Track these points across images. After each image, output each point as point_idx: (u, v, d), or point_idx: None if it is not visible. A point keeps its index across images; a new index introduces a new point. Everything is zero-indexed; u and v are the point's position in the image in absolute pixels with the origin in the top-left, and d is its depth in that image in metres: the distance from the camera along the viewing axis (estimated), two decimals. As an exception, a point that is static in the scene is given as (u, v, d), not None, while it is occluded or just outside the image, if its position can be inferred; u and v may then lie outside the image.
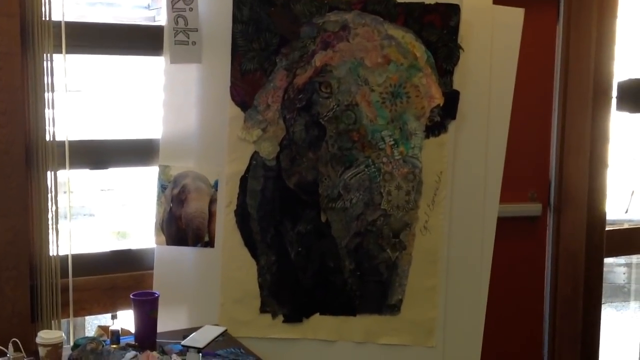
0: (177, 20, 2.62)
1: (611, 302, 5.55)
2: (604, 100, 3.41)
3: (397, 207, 2.79)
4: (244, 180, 2.72)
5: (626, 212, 5.81)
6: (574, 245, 3.46)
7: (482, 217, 2.87)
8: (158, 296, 2.43)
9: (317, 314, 2.80)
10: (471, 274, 2.88)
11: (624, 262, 5.52)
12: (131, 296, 2.41)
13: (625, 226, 4.16)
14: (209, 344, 2.10)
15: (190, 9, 2.62)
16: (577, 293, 3.48)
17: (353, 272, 2.80)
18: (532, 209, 3.46)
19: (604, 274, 3.56)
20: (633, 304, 5.68)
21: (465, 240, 2.85)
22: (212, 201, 2.71)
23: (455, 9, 2.73)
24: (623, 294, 5.66)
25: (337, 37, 2.70)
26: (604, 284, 3.58)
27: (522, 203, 3.44)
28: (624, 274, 5.64)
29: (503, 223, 2.97)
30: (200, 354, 2.08)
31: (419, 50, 2.74)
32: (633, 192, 5.88)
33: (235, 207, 2.72)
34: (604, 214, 3.49)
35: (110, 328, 2.39)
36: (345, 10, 2.69)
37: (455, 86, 2.77)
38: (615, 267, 5.51)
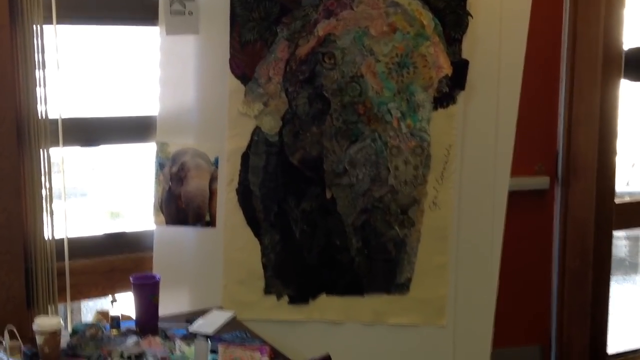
0: (172, -11, 2.50)
1: (612, 275, 5.48)
2: (613, 67, 3.32)
3: (405, 183, 2.69)
4: (245, 157, 2.62)
5: (627, 184, 5.75)
6: (583, 217, 3.39)
7: (492, 191, 2.77)
8: (159, 279, 2.34)
9: (324, 295, 2.72)
10: (482, 250, 2.78)
11: (625, 234, 5.45)
12: (131, 280, 2.32)
13: (627, 199, 4.10)
14: (218, 329, 2.01)
15: (186, -23, 2.51)
16: (586, 266, 3.41)
17: (360, 250, 2.71)
18: (540, 182, 3.38)
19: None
20: (638, 278, 5.62)
21: (476, 215, 2.76)
22: (213, 179, 2.62)
23: (463, -26, 2.62)
24: (624, 267, 5.60)
25: (341, 5, 2.59)
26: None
27: (529, 176, 3.35)
28: (625, 247, 5.57)
29: (510, 197, 2.86)
30: (209, 341, 1.98)
31: (426, 18, 2.62)
32: (634, 164, 5.82)
33: (236, 185, 2.62)
34: (614, 186, 3.42)
35: (109, 313, 2.30)
36: (349, -24, 2.57)
37: (464, 55, 2.66)
38: (616, 239, 5.45)
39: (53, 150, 2.51)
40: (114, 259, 2.67)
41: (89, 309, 3.22)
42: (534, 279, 3.44)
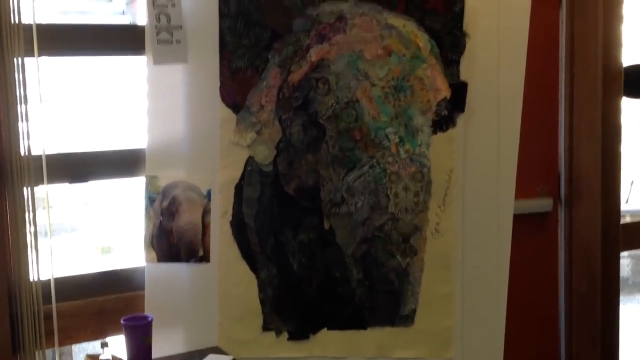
0: (159, 18, 2.42)
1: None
2: (613, 85, 3.23)
3: (406, 210, 2.59)
4: (239, 188, 2.52)
5: (626, 202, 5.70)
6: (589, 239, 3.28)
7: (496, 215, 2.68)
8: (151, 320, 2.24)
9: (325, 329, 2.61)
10: (488, 278, 2.69)
11: (628, 253, 5.38)
12: (122, 321, 2.22)
13: (628, 219, 4.01)
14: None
15: (173, 5, 2.42)
16: (594, 289, 3.30)
17: (361, 282, 2.60)
18: (542, 204, 3.27)
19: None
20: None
21: (480, 241, 2.66)
22: (206, 212, 2.52)
23: (459, -6, 2.55)
24: (628, 286, 5.53)
25: (333, 29, 2.51)
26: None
27: (531, 198, 3.25)
28: (628, 266, 5.51)
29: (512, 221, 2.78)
30: (206, 388, 1.88)
31: (422, 40, 2.55)
32: (632, 181, 5.77)
33: (230, 218, 2.52)
34: (619, 206, 3.31)
35: (100, 357, 2.19)
36: (341, -1, 2.50)
37: (462, 77, 2.59)
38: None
39: (38, 188, 2.40)
40: (104, 300, 2.55)
41: (81, 349, 3.11)
42: (540, 304, 3.33)
